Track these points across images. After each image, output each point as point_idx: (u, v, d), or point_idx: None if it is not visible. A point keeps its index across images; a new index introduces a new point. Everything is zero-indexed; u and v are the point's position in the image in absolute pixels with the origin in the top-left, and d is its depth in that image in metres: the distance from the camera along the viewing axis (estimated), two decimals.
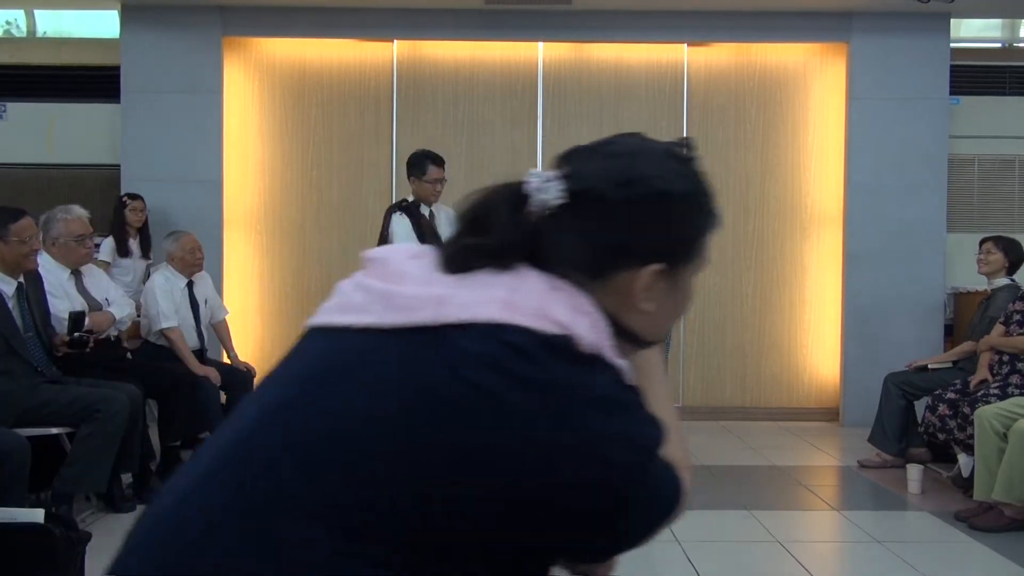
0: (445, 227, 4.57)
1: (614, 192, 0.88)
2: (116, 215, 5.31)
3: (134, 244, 5.35)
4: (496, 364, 0.77)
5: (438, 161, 4.48)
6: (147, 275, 5.39)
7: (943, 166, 5.91)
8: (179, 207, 5.71)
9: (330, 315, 0.92)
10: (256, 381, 4.94)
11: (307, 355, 0.93)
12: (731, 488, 4.29)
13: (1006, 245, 4.65)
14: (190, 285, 4.68)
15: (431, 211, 4.53)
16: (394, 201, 5.22)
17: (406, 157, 5.93)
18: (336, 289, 0.94)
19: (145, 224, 5.41)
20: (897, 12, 5.79)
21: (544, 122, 6.07)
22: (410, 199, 4.55)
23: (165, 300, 4.50)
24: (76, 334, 3.66)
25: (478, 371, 0.77)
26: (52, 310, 3.74)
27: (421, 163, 4.47)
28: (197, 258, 4.74)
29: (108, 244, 5.25)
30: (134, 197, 5.37)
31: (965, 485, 4.11)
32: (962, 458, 4.15)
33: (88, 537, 2.62)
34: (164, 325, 4.47)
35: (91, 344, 3.73)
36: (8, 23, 6.83)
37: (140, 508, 3.72)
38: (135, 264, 5.37)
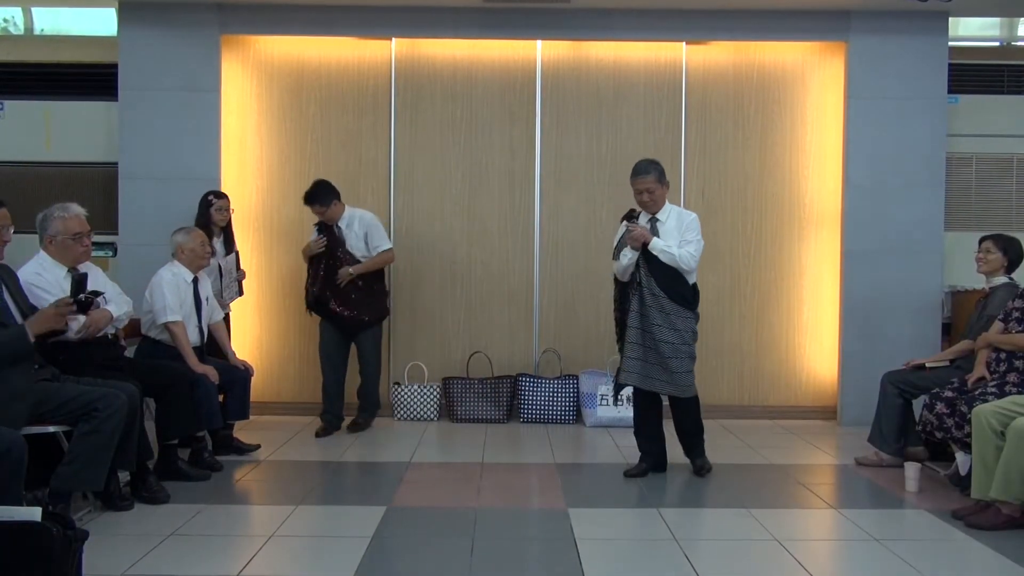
0: (352, 236, 5.41)
1: None
2: (202, 214, 5.23)
3: (218, 243, 5.27)
4: None
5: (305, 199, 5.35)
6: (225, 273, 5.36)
7: (941, 165, 5.91)
8: (176, 205, 5.69)
9: None
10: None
11: None
12: (729, 486, 4.30)
13: (1005, 244, 4.64)
14: (195, 282, 4.69)
15: (338, 226, 5.39)
16: (392, 203, 5.56)
17: (404, 155, 6.01)
18: None
19: (229, 223, 5.34)
20: (895, 11, 5.80)
21: (542, 120, 6.06)
22: None
23: (172, 294, 4.51)
24: (81, 296, 3.49)
25: None
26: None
27: None
28: (207, 252, 4.77)
29: None
30: (220, 196, 5.29)
31: (962, 484, 4.12)
32: (960, 456, 4.15)
33: (85, 535, 2.62)
34: (169, 318, 4.47)
35: (97, 305, 3.66)
36: (6, 20, 6.83)
37: (137, 507, 3.74)
38: (218, 263, 5.28)
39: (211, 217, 5.21)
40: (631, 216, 4.48)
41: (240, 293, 5.51)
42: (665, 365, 4.29)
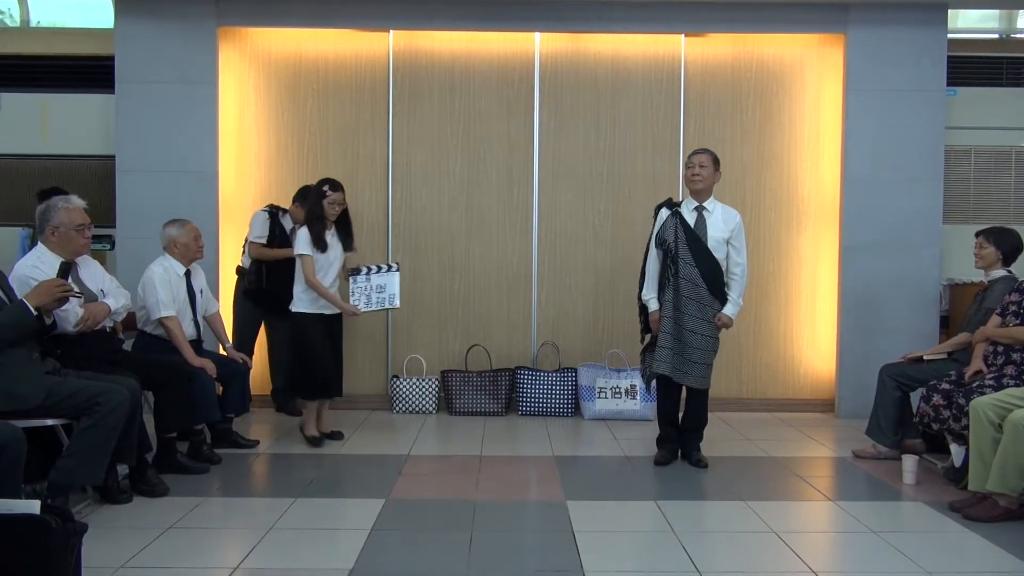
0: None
1: None
2: (313, 203, 4.85)
3: (330, 236, 4.87)
4: None
5: None
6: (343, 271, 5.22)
7: (939, 157, 5.91)
8: (173, 198, 5.69)
9: None
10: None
11: None
12: (727, 479, 4.31)
13: (997, 238, 4.64)
14: (188, 275, 4.68)
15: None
16: (390, 197, 5.29)
17: (402, 148, 5.99)
18: None
19: (345, 215, 4.97)
20: (894, 3, 5.79)
21: (540, 113, 6.05)
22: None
23: (164, 289, 4.49)
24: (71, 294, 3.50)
25: None
26: None
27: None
28: (200, 246, 4.75)
29: (304, 235, 4.82)
30: (336, 187, 4.88)
31: (956, 477, 4.13)
32: (953, 448, 4.17)
33: (84, 528, 2.61)
34: (163, 313, 4.47)
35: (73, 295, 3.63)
36: (1, 12, 6.80)
37: (136, 500, 3.74)
38: (331, 260, 4.94)
39: (324, 210, 4.83)
40: (671, 205, 4.52)
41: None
42: (692, 356, 4.38)
